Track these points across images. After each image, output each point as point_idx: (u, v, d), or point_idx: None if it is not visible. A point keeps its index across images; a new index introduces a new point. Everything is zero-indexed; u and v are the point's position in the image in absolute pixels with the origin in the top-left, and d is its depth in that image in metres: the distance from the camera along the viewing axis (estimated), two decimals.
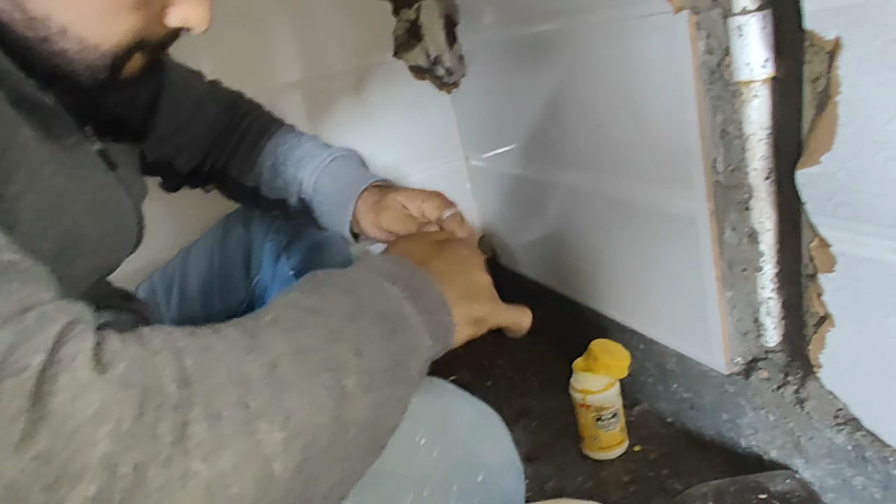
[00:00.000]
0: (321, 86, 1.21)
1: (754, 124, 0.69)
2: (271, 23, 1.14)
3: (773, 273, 0.75)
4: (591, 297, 1.08)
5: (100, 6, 0.44)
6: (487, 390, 1.19)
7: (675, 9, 0.68)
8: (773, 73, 0.66)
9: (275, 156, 0.79)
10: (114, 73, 0.48)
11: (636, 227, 0.88)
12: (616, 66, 0.79)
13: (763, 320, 0.77)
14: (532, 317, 0.60)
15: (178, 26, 0.48)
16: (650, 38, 0.72)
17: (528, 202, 1.17)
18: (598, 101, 0.85)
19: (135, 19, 0.46)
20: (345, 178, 0.77)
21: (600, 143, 0.88)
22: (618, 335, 1.03)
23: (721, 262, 0.77)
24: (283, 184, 0.79)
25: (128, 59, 0.48)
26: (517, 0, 0.96)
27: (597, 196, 0.94)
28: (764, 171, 0.71)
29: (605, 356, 0.89)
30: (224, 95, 0.85)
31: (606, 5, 0.77)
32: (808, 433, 0.73)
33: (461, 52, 1.22)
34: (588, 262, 1.04)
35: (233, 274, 0.90)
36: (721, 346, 0.81)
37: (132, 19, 0.45)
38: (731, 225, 0.75)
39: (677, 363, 0.92)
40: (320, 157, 0.78)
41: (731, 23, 0.65)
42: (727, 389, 0.83)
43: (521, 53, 1.00)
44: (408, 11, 1.24)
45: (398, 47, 1.25)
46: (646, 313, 0.94)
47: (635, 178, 0.84)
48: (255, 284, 0.89)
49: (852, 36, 0.52)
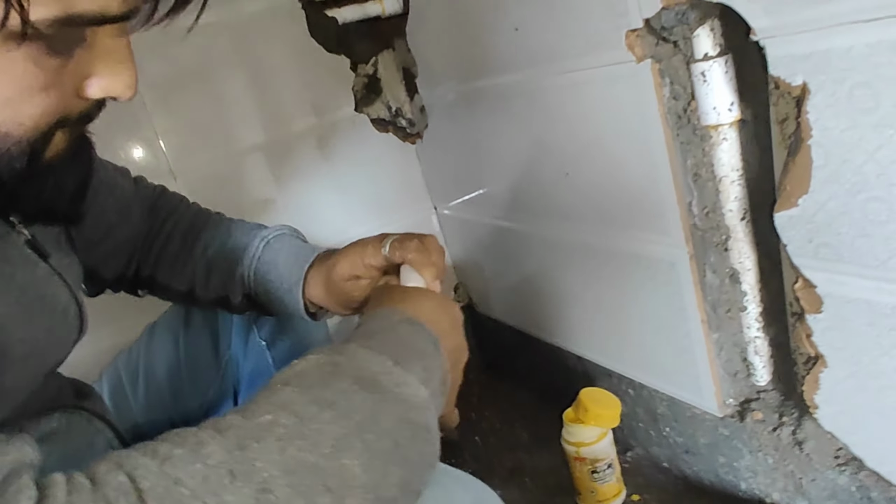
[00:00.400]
0: (284, 146, 1.18)
1: (726, 166, 0.68)
2: (228, 87, 1.12)
3: (757, 312, 0.74)
4: (574, 343, 1.06)
5: (3, 92, 0.38)
6: (477, 446, 1.15)
7: (637, 58, 0.68)
8: (739, 116, 0.66)
9: (206, 256, 0.74)
10: (33, 159, 0.42)
11: (615, 272, 0.87)
12: (582, 115, 0.79)
13: (752, 360, 0.76)
14: None
15: (100, 97, 0.43)
16: (615, 86, 0.72)
17: (501, 249, 1.16)
18: (565, 150, 0.85)
19: (48, 100, 0.40)
20: (285, 260, 0.71)
21: (571, 191, 0.87)
22: (604, 381, 1.01)
23: (705, 304, 0.76)
24: (219, 282, 0.73)
25: (47, 141, 0.43)
26: (474, 53, 0.96)
27: (572, 243, 0.93)
28: (739, 212, 0.70)
29: (596, 406, 0.87)
30: (147, 195, 0.79)
31: (567, 55, 0.77)
32: (809, 475, 0.72)
33: (422, 103, 1.21)
34: (569, 307, 1.02)
35: (201, 353, 0.85)
36: (712, 388, 0.80)
37: (45, 100, 0.40)
38: (711, 267, 0.74)
39: (668, 407, 0.90)
40: (254, 245, 0.73)
41: (695, 69, 0.65)
42: (722, 432, 0.82)
43: (483, 104, 1.00)
44: (365, 66, 1.23)
45: (359, 102, 1.24)
46: (632, 358, 0.92)
47: (610, 224, 0.83)
48: (227, 362, 0.84)
49: (818, 81, 0.52)
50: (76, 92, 0.42)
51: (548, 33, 0.78)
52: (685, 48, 0.67)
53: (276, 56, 1.15)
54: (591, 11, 0.71)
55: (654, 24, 0.66)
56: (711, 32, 0.64)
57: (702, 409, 0.83)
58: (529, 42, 0.82)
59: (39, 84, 0.39)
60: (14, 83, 0.39)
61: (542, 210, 0.96)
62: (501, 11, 0.85)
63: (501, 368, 1.36)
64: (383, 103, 1.26)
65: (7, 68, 0.38)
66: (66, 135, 0.45)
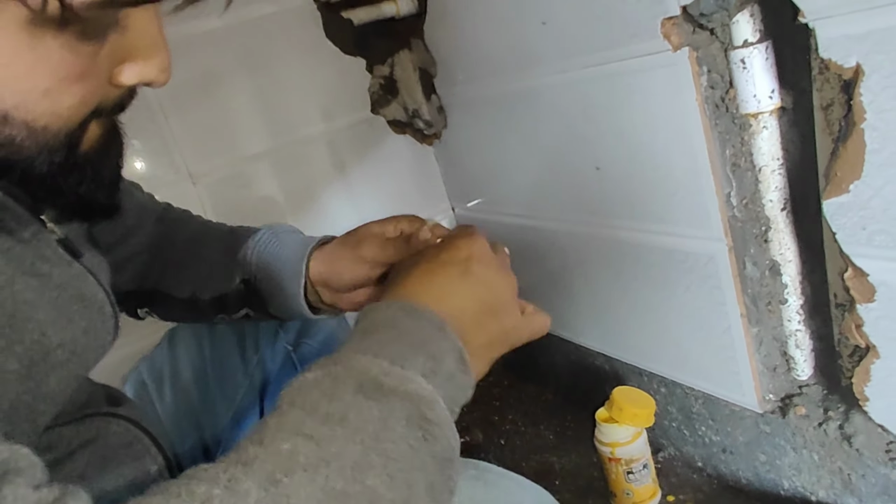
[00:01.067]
0: (300, 148, 1.17)
1: (766, 155, 0.67)
2: (244, 90, 1.11)
3: (798, 304, 0.72)
4: (601, 342, 1.05)
5: (41, 83, 0.37)
6: (502, 449, 1.13)
7: (674, 47, 0.67)
8: (780, 104, 0.65)
9: (209, 253, 0.72)
10: (71, 152, 0.42)
11: (649, 268, 0.85)
12: (615, 107, 0.77)
13: (793, 354, 0.74)
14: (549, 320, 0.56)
15: (135, 83, 0.42)
16: (650, 76, 0.71)
17: (523, 248, 1.14)
18: (597, 143, 0.83)
19: (84, 89, 0.39)
20: (292, 241, 0.70)
21: (601, 185, 0.86)
22: (634, 379, 1.00)
23: (744, 297, 0.74)
24: (219, 273, 0.71)
25: (83, 133, 0.42)
26: (498, 50, 0.95)
27: (601, 238, 0.91)
28: (780, 202, 0.69)
29: (630, 405, 0.85)
30: (156, 207, 0.78)
31: (599, 47, 0.76)
32: (858, 470, 0.70)
33: (440, 103, 1.20)
34: (596, 306, 1.01)
35: (228, 358, 0.83)
36: (751, 383, 0.78)
37: (81, 90, 0.39)
38: (751, 259, 0.72)
39: (704, 405, 0.88)
40: (259, 233, 0.71)
41: (734, 56, 0.64)
42: (763, 429, 0.80)
43: (506, 101, 0.98)
44: (381, 67, 1.22)
45: (375, 103, 1.22)
46: (666, 355, 0.91)
47: (643, 218, 0.82)
48: (255, 366, 0.83)
49: (875, 62, 0.51)
50: (110, 79, 0.41)
51: (578, 25, 0.77)
52: (723, 35, 0.65)
53: (291, 59, 1.14)
54: (625, 1, 0.70)
55: (691, 11, 0.65)
56: (751, 18, 0.63)
57: (741, 406, 0.81)
58: (558, 35, 0.81)
59: (76, 73, 0.38)
60: (51, 73, 0.37)
61: (570, 206, 0.95)
62: (528, 5, 0.84)
63: (524, 370, 1.34)
64: (400, 104, 1.25)
65: (44, 58, 0.37)
66: (99, 126, 0.44)
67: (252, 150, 1.12)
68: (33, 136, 0.39)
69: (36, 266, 0.45)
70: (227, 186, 1.11)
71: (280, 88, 1.14)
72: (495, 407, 1.26)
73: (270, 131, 1.14)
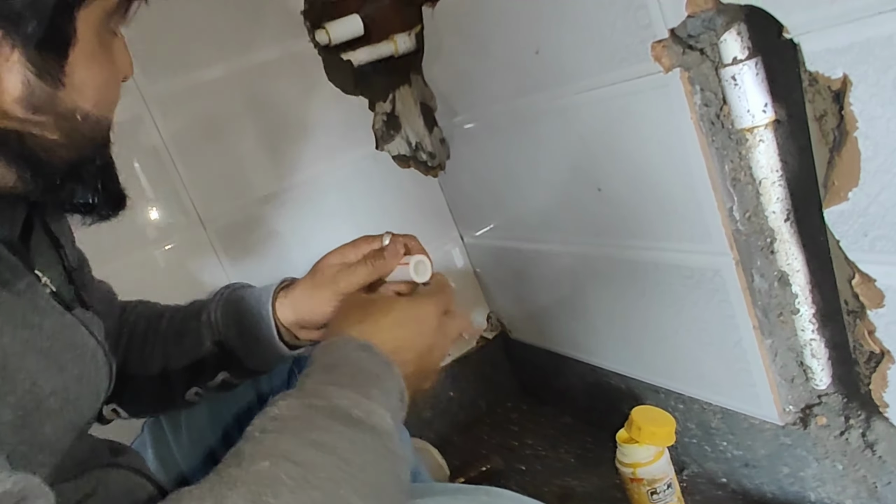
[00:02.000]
0: (307, 188, 1.19)
1: (764, 168, 0.68)
2: (249, 134, 1.13)
3: (811, 313, 0.72)
4: (616, 361, 1.05)
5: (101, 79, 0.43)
6: (523, 475, 1.13)
7: (665, 69, 0.68)
8: (774, 117, 0.66)
9: (172, 324, 0.72)
10: None
11: (656, 285, 0.86)
12: (612, 129, 0.79)
13: (809, 363, 0.74)
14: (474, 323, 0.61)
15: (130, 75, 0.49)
16: (644, 98, 0.72)
17: (532, 272, 1.15)
18: (596, 165, 0.84)
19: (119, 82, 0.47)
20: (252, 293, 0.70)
21: (604, 206, 0.87)
22: (651, 397, 0.99)
23: (755, 309, 0.75)
24: (189, 341, 0.70)
25: None
26: (494, 80, 0.97)
27: (607, 258, 0.92)
28: (783, 213, 0.69)
29: (650, 424, 0.85)
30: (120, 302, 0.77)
31: (592, 73, 0.77)
32: (883, 478, 0.69)
33: (442, 135, 1.22)
34: (608, 325, 1.01)
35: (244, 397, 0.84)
36: (769, 395, 0.78)
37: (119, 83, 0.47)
38: (758, 271, 0.73)
39: (722, 419, 0.88)
40: (217, 292, 0.72)
41: (725, 73, 0.65)
42: (784, 441, 0.79)
43: (505, 129, 1.00)
44: (383, 104, 1.25)
45: (379, 139, 1.25)
46: (681, 371, 0.90)
47: (647, 236, 0.82)
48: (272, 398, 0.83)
49: (860, 72, 0.52)
50: None
51: (570, 53, 0.79)
52: (712, 54, 0.67)
53: (294, 102, 1.17)
54: (614, 26, 0.72)
55: (679, 33, 0.66)
56: (738, 36, 0.64)
57: (760, 419, 0.81)
58: (552, 63, 0.83)
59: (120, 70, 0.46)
60: (114, 71, 0.45)
61: (574, 228, 0.96)
62: (520, 36, 0.86)
63: (540, 393, 1.34)
64: (403, 139, 1.27)
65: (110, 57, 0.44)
66: None
67: (261, 193, 1.14)
68: (100, 128, 0.45)
69: (27, 318, 0.45)
70: (237, 229, 1.13)
71: (285, 131, 1.16)
72: (513, 432, 1.26)
73: (277, 173, 1.16)
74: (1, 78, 0.38)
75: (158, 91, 1.05)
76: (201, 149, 1.09)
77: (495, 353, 1.39)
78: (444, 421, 1.34)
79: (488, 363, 1.38)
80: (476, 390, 1.37)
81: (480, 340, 1.38)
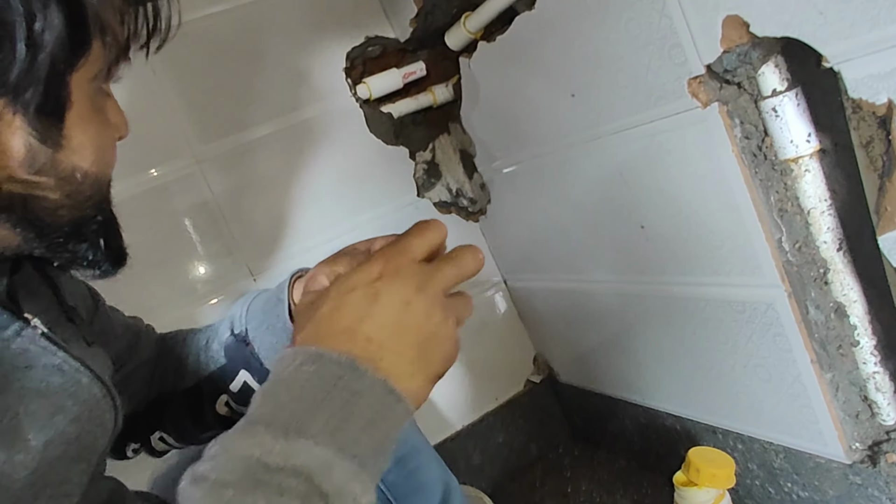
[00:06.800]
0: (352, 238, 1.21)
1: (812, 198, 0.67)
2: (295, 188, 1.18)
3: (871, 345, 0.70)
4: (669, 402, 1.02)
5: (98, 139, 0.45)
6: None
7: (703, 104, 0.69)
8: (819, 146, 0.65)
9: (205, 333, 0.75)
10: None
11: (706, 321, 0.84)
12: (652, 166, 0.79)
13: (874, 397, 0.71)
14: None
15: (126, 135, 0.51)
16: (684, 134, 0.73)
17: (578, 314, 1.14)
18: (638, 203, 0.84)
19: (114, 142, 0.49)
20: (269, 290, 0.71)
21: (648, 243, 0.87)
22: (708, 438, 0.96)
23: (812, 342, 0.72)
24: (216, 345, 0.72)
25: None
26: (531, 125, 0.99)
27: (655, 296, 0.91)
28: (835, 243, 0.68)
29: (708, 466, 0.82)
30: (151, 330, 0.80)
31: (629, 113, 0.78)
32: None
33: (482, 180, 1.24)
34: (660, 365, 0.99)
35: None
36: (834, 432, 0.74)
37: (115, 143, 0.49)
38: (813, 303, 0.71)
39: (785, 459, 0.84)
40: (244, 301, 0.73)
41: (764, 106, 0.65)
42: (853, 481, 0.76)
43: (545, 171, 1.01)
44: (423, 154, 1.28)
45: (420, 187, 1.27)
46: (738, 410, 0.88)
47: (694, 272, 0.82)
48: None
49: None
50: None
51: (606, 94, 0.80)
52: (750, 87, 0.67)
53: (338, 155, 1.21)
54: (649, 66, 0.73)
55: (715, 68, 0.67)
56: (776, 68, 0.65)
57: (826, 458, 0.78)
58: (588, 106, 0.84)
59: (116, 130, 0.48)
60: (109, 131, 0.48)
61: (619, 267, 0.95)
62: (556, 80, 0.88)
63: (593, 437, 1.31)
64: (444, 186, 1.30)
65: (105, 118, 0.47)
66: None
67: (308, 244, 1.17)
68: (99, 187, 0.47)
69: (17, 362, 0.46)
70: None
71: (330, 183, 1.20)
72: (567, 478, 1.23)
73: (322, 224, 1.19)
74: (6, 142, 0.40)
75: (210, 151, 1.10)
76: (251, 205, 1.14)
77: (544, 396, 1.37)
78: (495, 467, 1.31)
79: (538, 407, 1.36)
80: (527, 435, 1.35)
81: (528, 384, 1.36)
